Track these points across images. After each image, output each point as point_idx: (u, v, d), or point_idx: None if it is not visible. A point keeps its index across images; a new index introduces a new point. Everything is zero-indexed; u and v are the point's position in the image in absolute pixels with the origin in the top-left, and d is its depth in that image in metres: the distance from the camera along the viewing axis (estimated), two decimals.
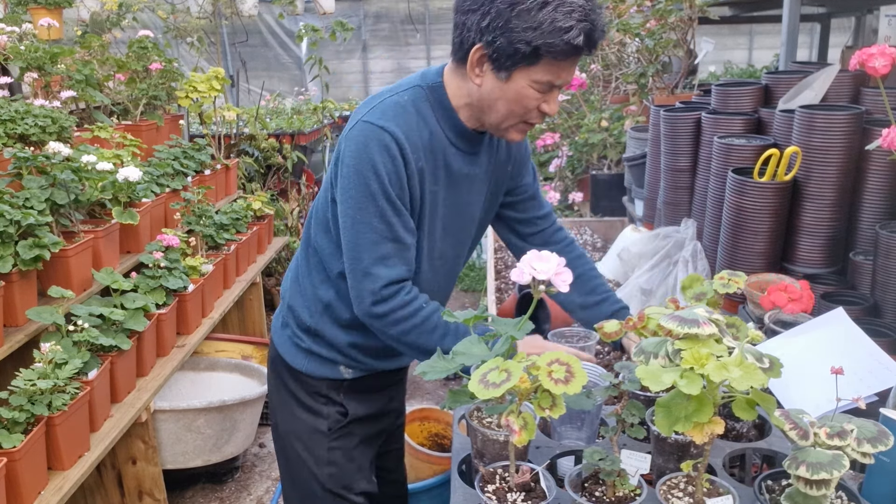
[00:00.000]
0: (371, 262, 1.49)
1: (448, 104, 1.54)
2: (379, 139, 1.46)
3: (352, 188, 1.48)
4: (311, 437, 1.75)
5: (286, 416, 1.80)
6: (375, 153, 1.45)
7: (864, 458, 1.09)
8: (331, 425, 1.75)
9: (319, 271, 1.68)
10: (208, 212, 3.53)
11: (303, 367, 1.73)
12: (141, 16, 5.74)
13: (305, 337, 1.72)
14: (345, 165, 1.49)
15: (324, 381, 1.73)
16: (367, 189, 1.46)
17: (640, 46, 3.81)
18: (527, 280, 1.27)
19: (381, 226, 1.48)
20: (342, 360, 1.72)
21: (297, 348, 1.74)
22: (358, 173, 1.47)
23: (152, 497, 2.70)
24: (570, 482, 1.24)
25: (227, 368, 3.45)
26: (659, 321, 1.18)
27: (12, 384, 2.04)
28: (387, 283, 1.50)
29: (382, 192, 1.47)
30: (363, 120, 1.49)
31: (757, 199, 1.93)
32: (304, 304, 1.71)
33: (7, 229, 2.14)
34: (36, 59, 3.22)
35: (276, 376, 1.82)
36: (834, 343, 1.53)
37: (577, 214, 4.14)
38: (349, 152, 1.49)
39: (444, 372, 1.30)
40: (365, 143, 1.46)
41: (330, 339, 1.69)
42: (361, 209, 1.48)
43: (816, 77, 2.09)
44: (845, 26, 6.55)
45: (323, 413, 1.75)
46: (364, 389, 1.77)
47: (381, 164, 1.46)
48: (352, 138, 1.49)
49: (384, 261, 1.49)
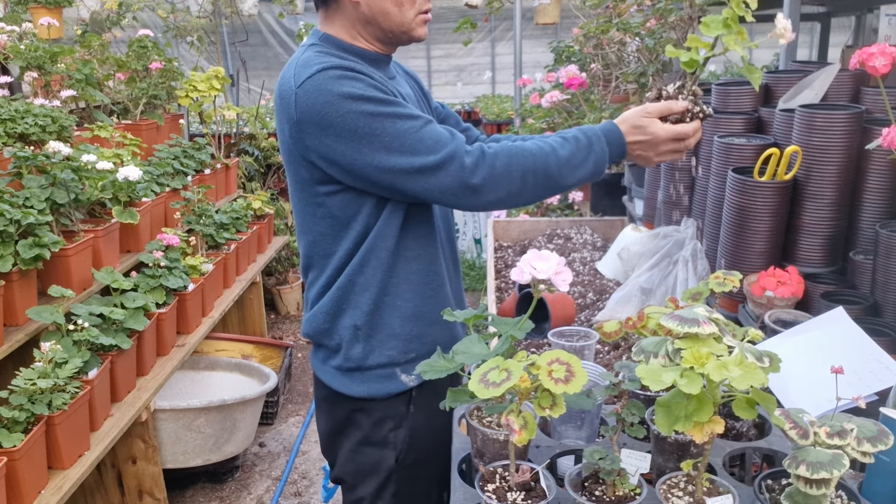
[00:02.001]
0: (433, 155, 1.37)
1: (344, 44, 1.49)
2: (329, 77, 1.37)
3: (352, 130, 1.36)
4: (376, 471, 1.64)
5: (349, 454, 1.66)
6: (339, 87, 1.36)
7: (864, 457, 1.09)
8: (398, 455, 1.62)
9: (351, 272, 1.55)
10: (208, 211, 3.53)
11: (363, 392, 1.59)
12: (141, 15, 5.74)
13: (354, 355, 1.58)
14: (325, 126, 1.37)
15: (389, 401, 1.60)
16: (366, 115, 1.36)
17: (640, 46, 3.81)
18: (527, 279, 1.27)
19: (406, 124, 1.37)
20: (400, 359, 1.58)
21: (349, 374, 1.60)
22: (344, 115, 1.35)
23: (152, 496, 2.70)
24: (569, 481, 1.24)
25: (228, 368, 3.45)
26: (659, 320, 1.18)
27: (12, 383, 2.04)
28: (463, 152, 1.39)
29: (378, 102, 1.37)
30: (298, 86, 1.40)
31: (757, 198, 1.93)
32: (348, 316, 1.56)
33: (7, 229, 2.15)
34: (36, 58, 3.22)
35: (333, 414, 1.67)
36: (834, 342, 1.53)
37: (577, 214, 4.14)
38: (316, 115, 1.37)
39: (443, 371, 1.31)
40: (321, 91, 1.36)
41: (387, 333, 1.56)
42: (378, 132, 1.36)
43: (816, 76, 2.08)
44: (845, 26, 6.55)
45: (390, 442, 1.62)
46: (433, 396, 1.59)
47: (352, 88, 1.36)
48: (307, 105, 1.37)
49: (439, 143, 1.38)
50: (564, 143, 1.45)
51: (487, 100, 7.68)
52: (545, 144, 1.44)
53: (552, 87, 4.62)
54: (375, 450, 1.63)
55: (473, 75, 9.58)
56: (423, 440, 1.65)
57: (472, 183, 1.39)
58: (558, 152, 1.43)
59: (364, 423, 1.62)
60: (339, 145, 1.39)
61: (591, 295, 2.67)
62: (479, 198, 1.42)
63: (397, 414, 1.61)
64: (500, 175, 1.41)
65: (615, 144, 1.48)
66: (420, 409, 1.63)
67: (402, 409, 1.61)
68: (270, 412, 3.71)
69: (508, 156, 1.41)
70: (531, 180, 1.43)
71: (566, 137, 1.46)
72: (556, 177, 1.44)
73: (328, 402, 1.68)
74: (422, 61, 9.57)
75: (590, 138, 1.46)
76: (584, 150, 1.45)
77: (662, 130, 1.48)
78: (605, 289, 2.69)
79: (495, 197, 1.43)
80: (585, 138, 1.46)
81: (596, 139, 1.46)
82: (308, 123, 1.40)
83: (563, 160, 1.43)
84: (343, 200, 1.49)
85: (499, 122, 6.62)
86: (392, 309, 1.55)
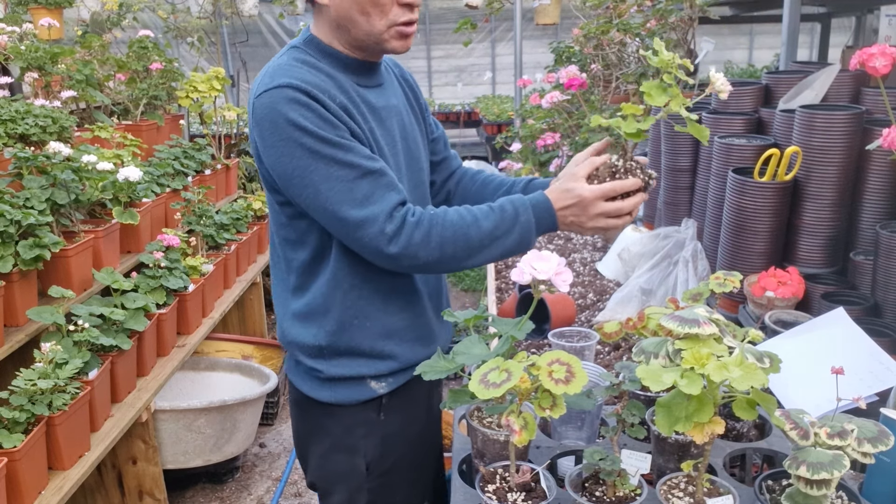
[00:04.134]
0: (356, 210, 1.37)
1: (325, 46, 1.48)
2: (282, 97, 1.36)
3: (288, 158, 1.37)
4: (347, 478, 1.62)
5: (320, 460, 1.65)
6: (287, 111, 1.36)
7: (864, 458, 1.09)
8: (369, 462, 1.60)
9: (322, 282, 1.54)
10: (209, 211, 3.53)
11: (332, 398, 1.57)
12: (141, 16, 5.75)
13: (320, 367, 1.56)
14: (267, 146, 1.39)
15: (358, 408, 1.58)
16: (302, 147, 1.36)
17: (640, 46, 3.81)
18: (527, 280, 1.27)
19: (341, 171, 1.37)
20: (370, 373, 1.56)
21: (318, 380, 1.58)
22: (284, 141, 1.36)
23: (153, 497, 2.70)
24: (570, 482, 1.24)
25: (228, 368, 3.45)
26: (659, 321, 1.18)
27: (13, 384, 2.04)
28: (385, 218, 1.38)
29: (319, 140, 1.36)
30: (256, 96, 1.40)
31: (757, 199, 1.93)
32: (312, 335, 1.55)
33: (7, 229, 2.15)
34: (36, 58, 3.23)
35: (304, 418, 1.66)
36: (834, 343, 1.53)
37: None
38: (263, 130, 1.39)
39: (444, 372, 1.31)
40: (271, 109, 1.37)
41: (356, 353, 1.55)
42: (311, 170, 1.36)
43: (817, 77, 2.08)
44: (845, 26, 6.55)
45: (360, 449, 1.60)
46: (406, 401, 1.63)
47: (300, 116, 1.36)
48: (258, 118, 1.39)
49: (367, 201, 1.38)
50: (490, 213, 1.44)
51: (488, 100, 7.69)
52: (469, 214, 1.44)
53: (552, 88, 4.62)
54: (346, 457, 1.60)
55: (474, 76, 9.59)
56: (396, 448, 1.63)
57: (389, 252, 1.40)
58: (481, 223, 1.43)
59: (334, 429, 1.60)
60: (278, 165, 1.40)
61: (592, 295, 2.67)
62: (395, 264, 1.43)
63: (367, 421, 1.59)
64: (418, 245, 1.40)
65: (545, 214, 1.45)
66: (392, 416, 1.61)
67: (372, 416, 1.59)
68: (271, 413, 3.71)
69: (429, 226, 1.41)
70: (450, 251, 1.42)
71: (493, 207, 1.45)
72: (478, 247, 1.43)
73: (299, 406, 1.66)
74: (422, 62, 9.56)
75: (517, 209, 1.44)
76: (510, 220, 1.43)
77: (588, 191, 1.42)
78: (606, 289, 2.69)
79: (411, 264, 1.43)
80: (512, 209, 1.44)
81: (523, 210, 1.44)
82: (258, 134, 1.42)
83: (485, 232, 1.42)
84: (296, 211, 1.48)
85: (499, 123, 6.62)
86: (361, 329, 1.54)
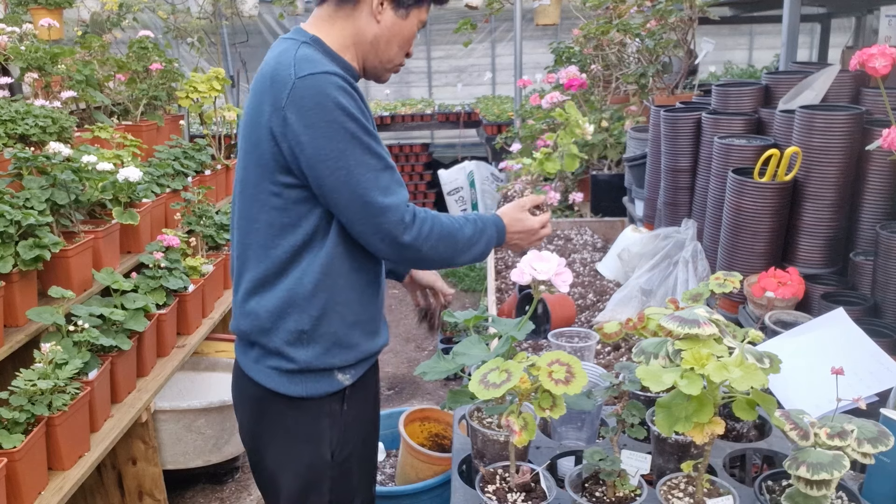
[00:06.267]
0: (382, 197, 1.47)
1: (334, 53, 1.56)
2: (330, 83, 1.44)
3: (328, 140, 1.44)
4: (312, 467, 1.66)
5: (280, 453, 1.67)
6: (337, 95, 1.44)
7: (864, 458, 1.09)
8: (333, 451, 1.66)
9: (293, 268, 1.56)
10: (209, 212, 3.53)
11: (302, 392, 1.60)
12: (141, 16, 5.75)
13: (296, 357, 1.58)
14: (308, 125, 1.44)
15: (325, 399, 1.62)
16: (345, 131, 1.44)
17: (640, 47, 3.82)
18: (527, 280, 1.27)
19: (372, 160, 1.47)
20: (339, 363, 1.61)
21: (288, 375, 1.60)
22: (329, 123, 1.44)
23: (152, 497, 2.70)
24: (570, 482, 1.24)
25: (228, 368, 3.44)
26: (659, 321, 1.18)
27: (12, 384, 2.04)
28: (404, 208, 1.50)
29: (360, 128, 1.46)
30: (298, 78, 1.45)
31: (757, 199, 1.93)
32: (294, 319, 1.56)
33: (7, 229, 2.15)
34: (36, 59, 3.23)
35: (263, 413, 1.66)
36: (834, 343, 1.53)
37: (578, 214, 4.14)
38: (305, 110, 1.44)
39: (444, 372, 1.31)
40: (318, 91, 1.44)
41: (330, 340, 1.59)
42: (348, 153, 1.45)
43: (817, 77, 2.09)
44: (845, 26, 6.55)
45: (325, 439, 1.64)
46: (362, 391, 1.71)
47: (346, 103, 1.45)
48: (300, 98, 1.44)
49: (388, 190, 1.49)
50: (466, 223, 1.63)
51: (488, 101, 7.68)
52: (455, 220, 1.62)
53: (552, 88, 4.62)
54: (312, 447, 1.65)
55: (474, 76, 9.58)
56: (354, 436, 1.70)
57: (403, 240, 1.51)
58: (464, 230, 1.61)
59: (301, 421, 1.64)
60: (311, 146, 1.45)
61: (592, 296, 2.67)
62: (401, 253, 1.54)
63: (332, 411, 1.64)
64: (424, 239, 1.53)
65: (500, 234, 1.69)
66: (352, 406, 1.67)
67: (336, 406, 1.65)
68: None
69: (432, 223, 1.55)
70: (442, 248, 1.58)
71: (468, 218, 1.65)
72: (460, 251, 1.61)
73: (259, 401, 1.66)
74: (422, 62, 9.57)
75: (485, 224, 1.66)
76: (479, 233, 1.64)
77: (535, 221, 1.72)
78: (606, 290, 2.69)
79: (412, 255, 1.56)
80: (482, 224, 1.65)
81: (490, 226, 1.66)
82: (296, 114, 1.45)
83: (466, 237, 1.61)
84: (301, 195, 1.51)
85: (499, 123, 6.61)
86: (338, 316, 1.59)
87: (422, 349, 4.60)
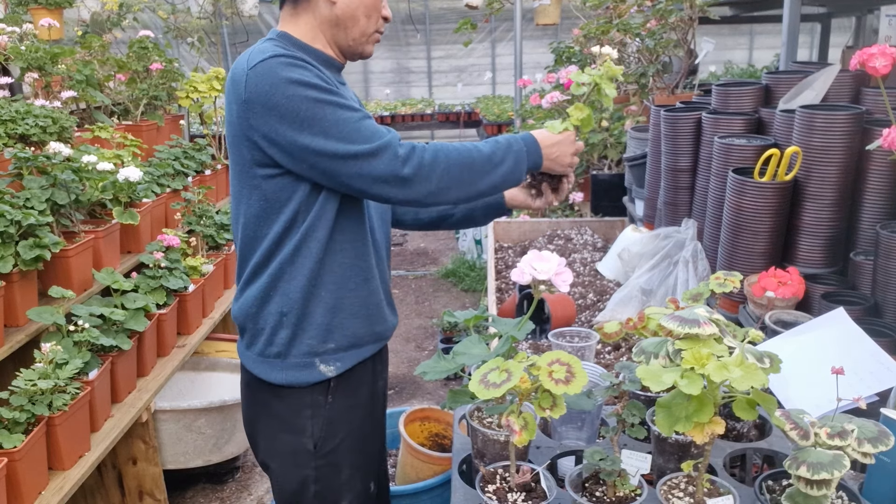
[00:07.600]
0: (367, 144, 1.46)
1: (303, 44, 1.59)
2: (278, 63, 1.46)
3: (293, 114, 1.44)
4: (295, 458, 1.68)
5: (268, 440, 1.71)
6: (287, 72, 1.45)
7: (864, 458, 1.09)
8: (316, 442, 1.66)
9: (276, 255, 1.60)
10: (209, 212, 3.53)
11: (282, 380, 1.63)
12: (141, 16, 5.74)
13: (277, 340, 1.62)
14: (269, 108, 1.45)
15: (307, 390, 1.64)
16: (309, 100, 1.44)
17: (640, 46, 3.81)
18: (527, 280, 1.27)
19: (346, 113, 1.47)
20: (319, 349, 1.62)
21: (269, 361, 1.64)
22: (288, 98, 1.44)
23: (153, 497, 2.70)
24: (570, 482, 1.24)
25: (228, 368, 3.44)
26: (659, 321, 1.18)
27: (13, 384, 2.04)
28: (396, 143, 1.48)
29: (322, 91, 1.46)
30: (250, 69, 1.48)
31: (757, 199, 1.93)
32: (276, 302, 1.60)
33: (8, 229, 2.15)
34: (36, 59, 3.23)
35: (254, 400, 1.72)
36: (834, 343, 1.53)
37: (578, 214, 4.14)
38: (262, 95, 1.45)
39: (444, 372, 1.31)
40: (269, 73, 1.45)
41: (310, 323, 1.60)
42: (319, 117, 1.45)
43: (817, 77, 2.09)
44: (846, 26, 6.55)
45: (307, 430, 1.66)
46: (354, 384, 1.69)
47: (299, 76, 1.45)
48: (255, 86, 1.46)
49: (375, 135, 1.47)
50: (485, 144, 1.60)
51: (488, 100, 7.69)
52: (469, 144, 1.59)
53: (552, 88, 4.62)
54: (293, 437, 1.66)
55: (474, 76, 9.59)
56: (340, 430, 1.69)
57: (404, 173, 1.48)
58: (481, 149, 1.57)
59: (282, 410, 1.67)
60: (282, 127, 1.46)
61: (592, 296, 2.67)
62: (409, 189, 1.50)
63: (315, 403, 1.65)
64: (429, 167, 1.50)
65: (532, 148, 1.62)
66: (338, 399, 1.67)
67: (319, 398, 1.65)
68: None
69: (435, 150, 1.52)
70: (456, 174, 1.53)
71: (487, 141, 1.61)
72: (480, 171, 1.55)
73: (249, 388, 1.73)
74: (422, 62, 9.57)
75: (509, 140, 1.61)
76: (504, 150, 1.58)
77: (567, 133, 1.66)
78: (606, 289, 2.69)
79: (425, 190, 1.51)
80: (505, 141, 1.61)
81: (514, 141, 1.61)
82: (255, 103, 1.48)
83: (485, 156, 1.56)
84: (279, 184, 1.55)
85: (499, 123, 6.62)
86: (318, 299, 1.61)
87: (422, 349, 4.60)
